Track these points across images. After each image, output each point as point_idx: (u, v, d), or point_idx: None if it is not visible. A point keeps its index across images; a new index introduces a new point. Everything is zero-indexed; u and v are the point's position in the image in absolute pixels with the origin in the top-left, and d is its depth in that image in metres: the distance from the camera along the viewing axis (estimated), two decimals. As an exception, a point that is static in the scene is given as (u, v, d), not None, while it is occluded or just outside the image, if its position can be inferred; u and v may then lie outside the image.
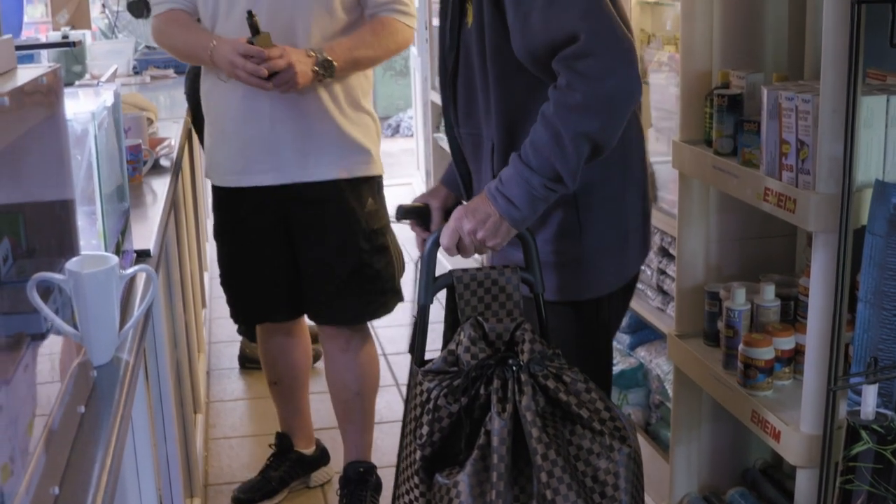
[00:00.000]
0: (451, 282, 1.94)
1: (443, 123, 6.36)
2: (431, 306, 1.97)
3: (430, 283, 1.97)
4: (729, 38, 2.50)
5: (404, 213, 2.18)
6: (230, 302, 3.08)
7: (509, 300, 1.94)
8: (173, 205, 2.71)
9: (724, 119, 2.37)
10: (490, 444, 1.78)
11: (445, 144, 5.80)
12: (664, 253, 2.94)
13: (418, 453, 1.85)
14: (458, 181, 2.19)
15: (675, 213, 2.66)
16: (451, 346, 1.90)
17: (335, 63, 2.67)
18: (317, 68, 2.64)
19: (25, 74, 1.37)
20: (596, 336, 2.14)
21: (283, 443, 3.26)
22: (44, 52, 4.29)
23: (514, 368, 1.82)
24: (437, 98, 5.77)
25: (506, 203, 1.89)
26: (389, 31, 2.78)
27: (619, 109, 1.83)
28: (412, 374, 1.94)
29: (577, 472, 1.80)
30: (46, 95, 1.40)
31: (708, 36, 2.49)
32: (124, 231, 1.94)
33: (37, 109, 1.36)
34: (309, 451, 3.30)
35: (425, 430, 1.84)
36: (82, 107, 1.69)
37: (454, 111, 2.12)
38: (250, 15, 2.58)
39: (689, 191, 2.58)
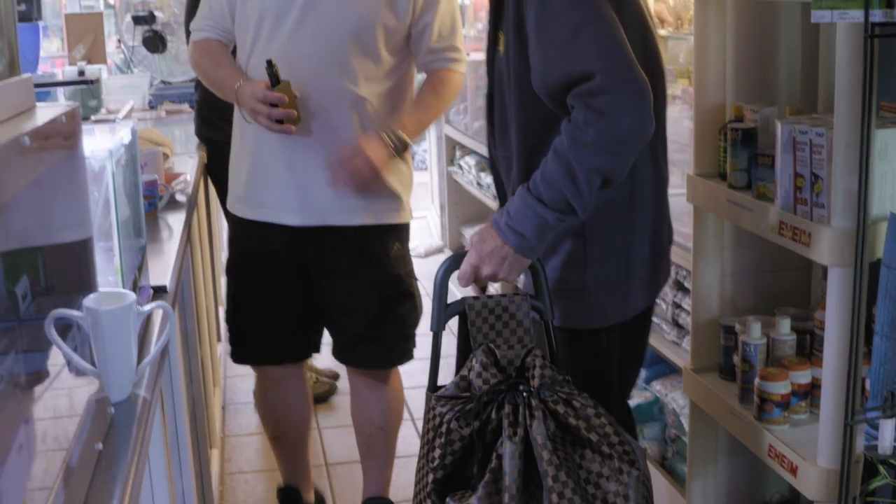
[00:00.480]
0: (462, 309, 1.98)
1: (456, 156, 6.34)
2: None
3: (441, 310, 2.01)
4: (742, 72, 2.51)
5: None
6: (232, 340, 2.97)
7: (520, 327, 1.98)
8: (189, 240, 2.71)
9: (738, 153, 2.37)
10: (501, 468, 1.81)
11: (460, 178, 5.80)
12: (679, 286, 2.93)
13: (430, 476, 1.88)
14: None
15: (689, 247, 2.66)
16: (464, 371, 1.94)
17: (409, 143, 2.67)
18: (392, 152, 2.64)
19: (45, 114, 1.37)
20: (591, 365, 2.15)
21: (293, 498, 3.13)
22: (60, 87, 4.32)
23: (525, 394, 1.86)
24: (451, 132, 5.80)
25: (518, 238, 1.93)
26: (449, 86, 2.76)
27: (631, 146, 1.88)
28: (427, 400, 1.97)
29: (587, 495, 1.83)
30: (66, 134, 1.41)
31: (721, 69, 2.50)
32: (141, 267, 1.95)
33: (56, 148, 1.37)
34: (310, 496, 3.18)
35: (437, 452, 1.87)
36: (99, 144, 1.70)
37: (492, 133, 2.18)
38: (270, 64, 2.54)
39: (704, 224, 2.58)
